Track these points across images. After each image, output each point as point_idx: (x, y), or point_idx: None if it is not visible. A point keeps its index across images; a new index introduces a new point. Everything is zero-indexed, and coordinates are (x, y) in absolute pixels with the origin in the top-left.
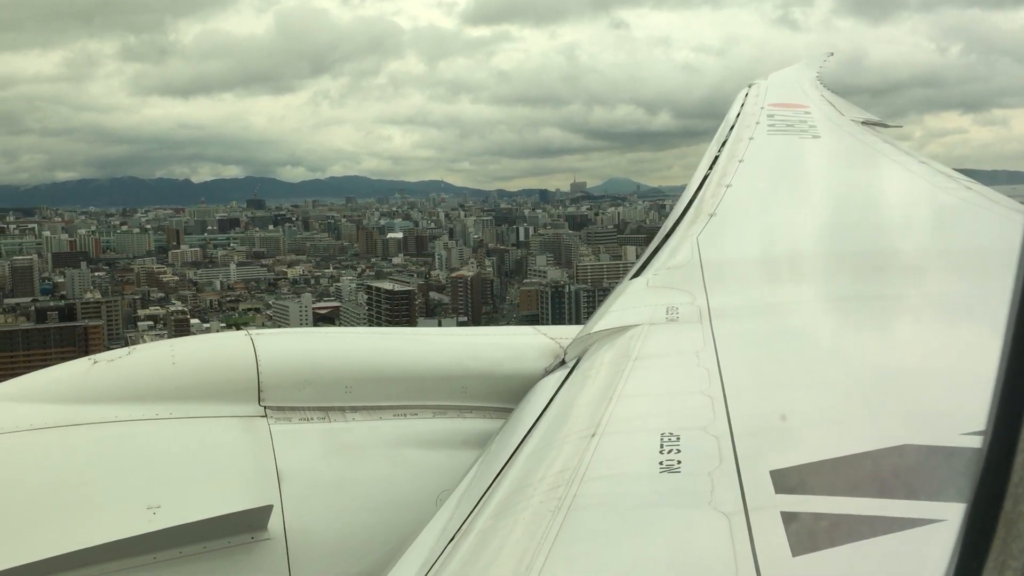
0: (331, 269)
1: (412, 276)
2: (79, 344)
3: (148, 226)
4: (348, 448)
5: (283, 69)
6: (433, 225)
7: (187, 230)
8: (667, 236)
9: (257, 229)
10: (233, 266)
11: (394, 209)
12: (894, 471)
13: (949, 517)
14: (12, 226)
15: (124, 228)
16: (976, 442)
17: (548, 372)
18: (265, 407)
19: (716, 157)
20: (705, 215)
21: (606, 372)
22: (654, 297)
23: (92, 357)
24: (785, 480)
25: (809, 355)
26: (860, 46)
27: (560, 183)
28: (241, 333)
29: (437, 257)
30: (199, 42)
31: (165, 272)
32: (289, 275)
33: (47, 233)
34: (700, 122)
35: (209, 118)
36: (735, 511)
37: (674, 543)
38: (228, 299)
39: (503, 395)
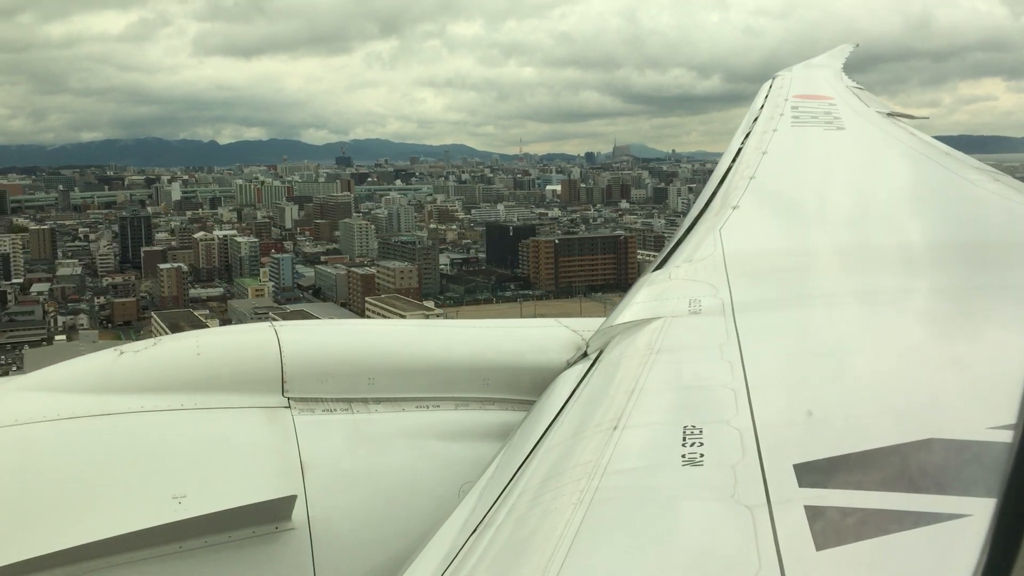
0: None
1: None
2: (619, 251)
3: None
4: (371, 439)
5: (350, 31)
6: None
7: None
8: (690, 228)
9: (381, 181)
10: (502, 206)
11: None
12: (920, 465)
13: (976, 512)
14: (185, 177)
15: (284, 179)
16: (1003, 436)
17: (570, 364)
18: (289, 398)
19: (740, 149)
20: (728, 207)
21: (628, 365)
22: (677, 290)
23: (118, 348)
24: (809, 474)
25: (833, 348)
26: (928, 9)
27: (574, 148)
28: (265, 324)
29: (682, 201)
30: (284, 0)
31: (457, 209)
32: (551, 215)
33: (239, 181)
34: (750, 86)
35: (243, 79)
36: (758, 504)
37: (697, 536)
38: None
39: (525, 387)
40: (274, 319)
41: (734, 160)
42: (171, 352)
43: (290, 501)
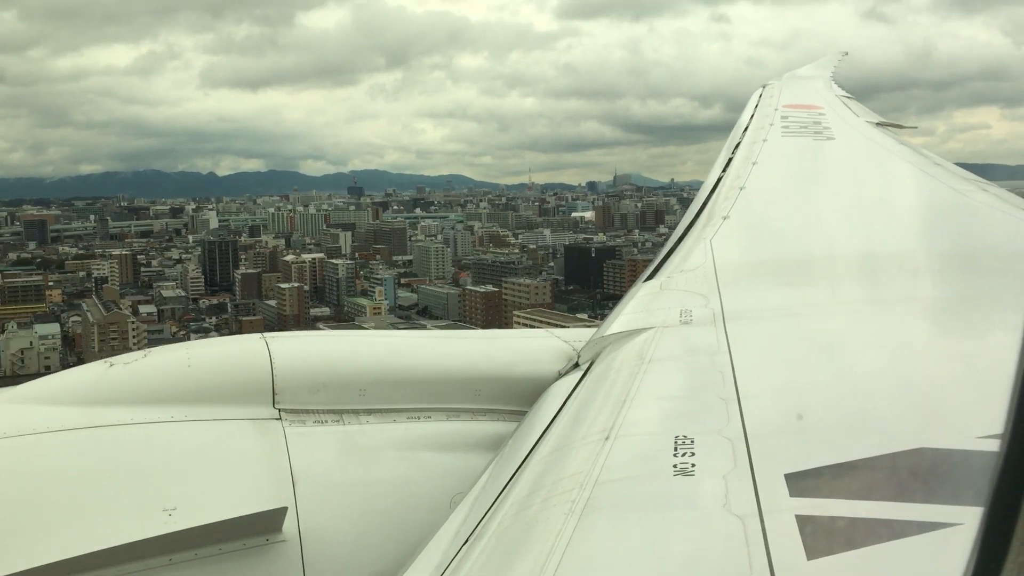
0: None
1: None
2: None
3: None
4: (362, 451)
5: (357, 63)
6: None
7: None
8: (681, 239)
9: (402, 208)
10: (548, 232)
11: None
12: (909, 474)
13: (965, 521)
14: (211, 207)
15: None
16: (993, 445)
17: (562, 375)
18: (280, 410)
19: (730, 160)
20: (719, 218)
21: (620, 375)
22: (668, 300)
23: (108, 360)
24: (799, 483)
25: (824, 358)
26: (929, 39)
27: (570, 178)
28: (256, 336)
29: None
30: (296, 34)
31: (507, 235)
32: (595, 240)
33: (271, 210)
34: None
35: (245, 111)
36: (749, 514)
37: (688, 546)
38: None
39: (517, 398)
40: None
41: (724, 170)
42: (161, 364)
43: (281, 513)
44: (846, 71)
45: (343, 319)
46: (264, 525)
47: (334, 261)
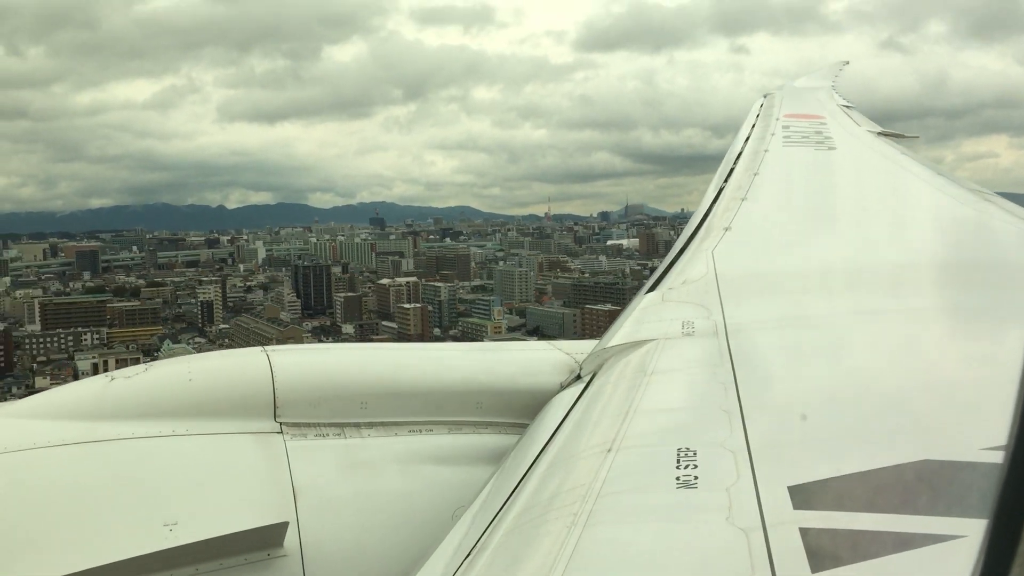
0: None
1: None
2: None
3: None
4: (364, 464)
5: (374, 96)
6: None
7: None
8: (682, 250)
9: (434, 237)
10: (603, 259)
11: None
12: (914, 487)
13: (970, 533)
14: (248, 238)
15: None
16: (997, 457)
17: (563, 387)
18: (281, 423)
19: (731, 170)
20: (720, 229)
21: (622, 387)
22: (669, 311)
23: (110, 374)
24: (803, 496)
25: (827, 369)
26: (944, 69)
27: (577, 208)
28: (257, 349)
29: None
30: (318, 67)
31: (568, 261)
32: (649, 264)
33: (314, 239)
34: None
35: (256, 144)
36: (753, 527)
37: (691, 559)
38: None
39: (518, 410)
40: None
41: (725, 181)
42: (163, 378)
43: (282, 528)
44: (860, 99)
45: (458, 340)
46: (265, 540)
47: (435, 283)
